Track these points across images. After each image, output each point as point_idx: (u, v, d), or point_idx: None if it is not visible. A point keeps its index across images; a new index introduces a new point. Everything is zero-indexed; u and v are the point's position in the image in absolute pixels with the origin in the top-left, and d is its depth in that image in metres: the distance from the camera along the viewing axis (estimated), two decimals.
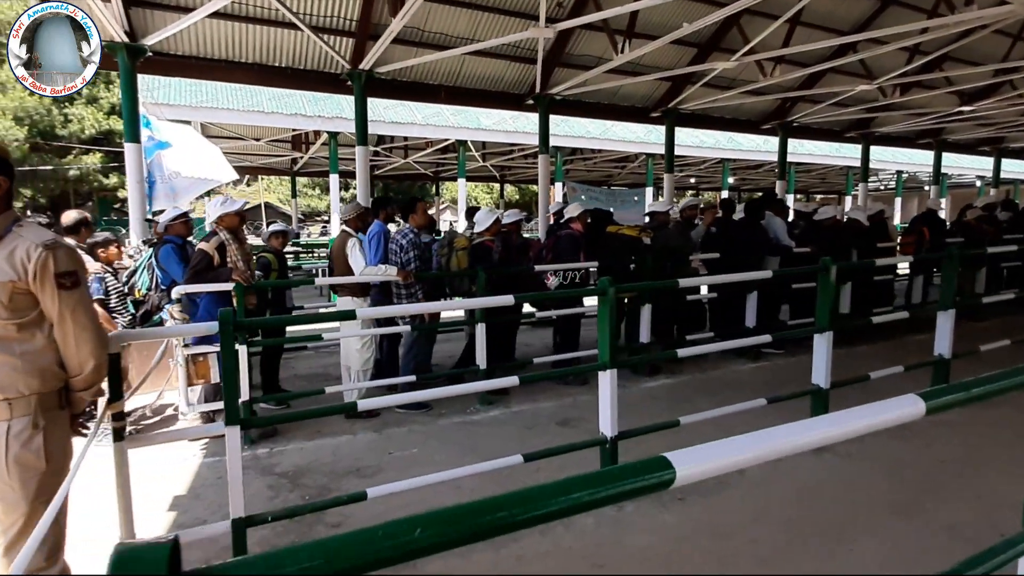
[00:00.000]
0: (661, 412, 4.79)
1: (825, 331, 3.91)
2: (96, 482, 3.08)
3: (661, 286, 5.18)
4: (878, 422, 1.22)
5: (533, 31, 6.20)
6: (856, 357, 6.45)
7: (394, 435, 4.40)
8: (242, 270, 4.24)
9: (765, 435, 1.15)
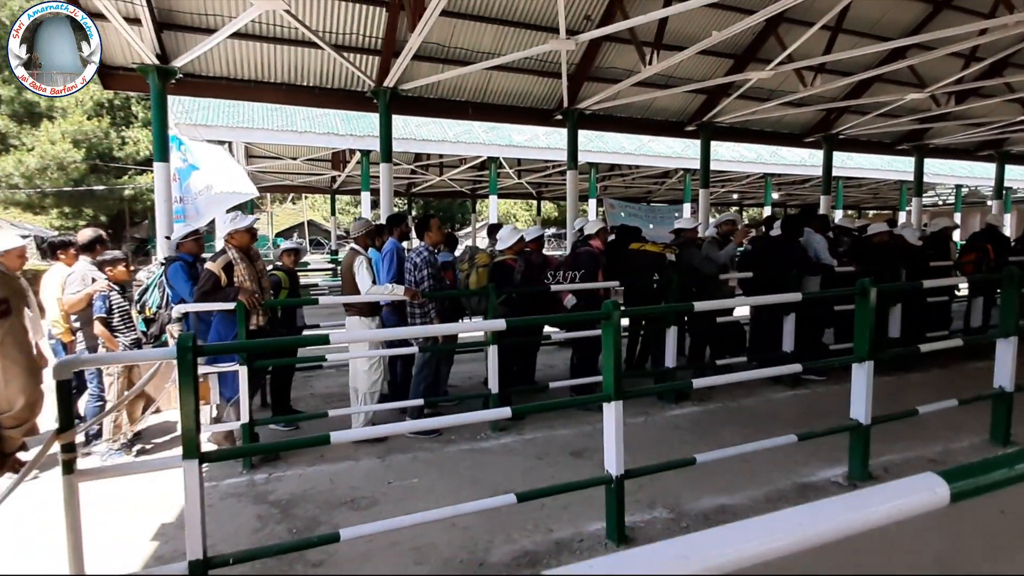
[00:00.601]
0: (682, 444, 4.45)
1: (865, 360, 3.51)
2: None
3: (671, 309, 4.85)
4: (879, 515, 0.92)
5: (554, 43, 6.03)
6: (906, 387, 5.94)
7: (397, 463, 4.20)
8: (250, 289, 4.15)
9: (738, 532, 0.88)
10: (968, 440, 4.38)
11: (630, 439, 4.64)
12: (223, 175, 8.27)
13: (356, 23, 7.05)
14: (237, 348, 3.94)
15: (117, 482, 3.67)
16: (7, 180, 16.03)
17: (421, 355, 5.04)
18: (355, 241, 5.12)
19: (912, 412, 3.81)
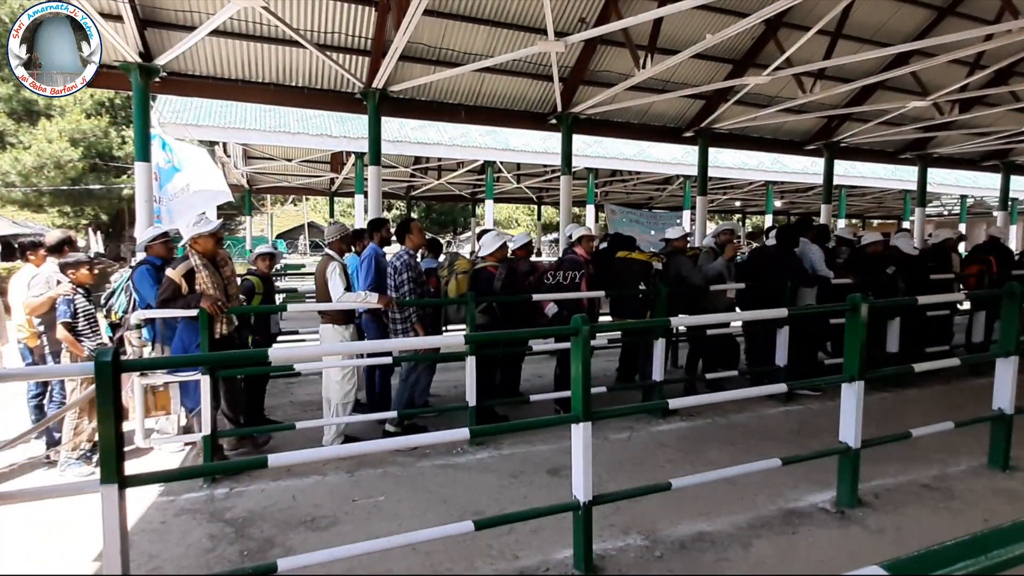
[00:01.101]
0: (666, 464, 4.27)
1: (855, 380, 3.32)
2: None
3: (644, 324, 4.67)
4: None
5: (542, 45, 5.86)
6: (903, 404, 5.74)
7: (366, 478, 4.02)
8: (213, 296, 3.98)
9: None
10: (966, 463, 4.17)
11: (611, 456, 4.49)
12: (201, 176, 8.18)
13: (345, 23, 6.91)
14: (164, 364, 3.79)
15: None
16: (3, 178, 15.96)
17: (406, 363, 4.88)
18: (329, 246, 4.95)
19: (904, 435, 3.62)
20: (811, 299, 6.04)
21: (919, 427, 3.87)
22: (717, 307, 5.58)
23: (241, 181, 18.15)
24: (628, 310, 5.47)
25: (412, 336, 4.85)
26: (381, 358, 4.82)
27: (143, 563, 2.99)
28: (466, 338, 2.60)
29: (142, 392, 3.74)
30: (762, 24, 8.10)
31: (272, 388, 6.49)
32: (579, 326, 2.65)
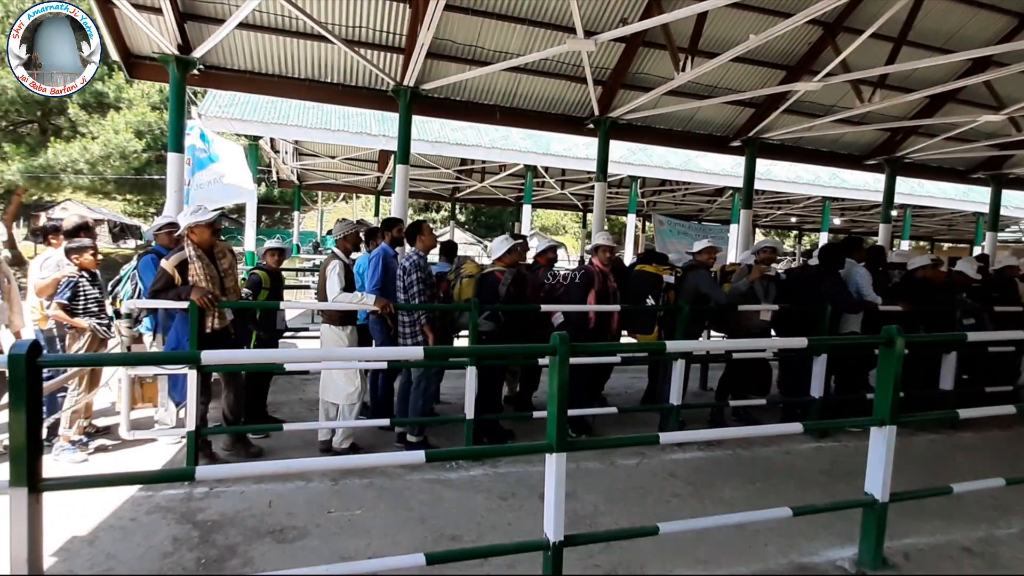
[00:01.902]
0: (671, 498, 3.91)
1: (886, 424, 2.91)
2: None
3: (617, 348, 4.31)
4: None
5: (571, 43, 5.59)
6: (953, 449, 5.17)
7: (349, 489, 3.83)
8: (204, 289, 3.89)
9: None
10: (1019, 525, 3.65)
11: (614, 484, 4.16)
12: (233, 171, 8.31)
13: (378, 18, 6.83)
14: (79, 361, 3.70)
15: None
16: (72, 166, 16.80)
17: (416, 370, 4.71)
18: (336, 244, 4.82)
19: (944, 490, 3.16)
20: (855, 326, 5.53)
21: (966, 479, 3.41)
22: (749, 328, 5.15)
23: (291, 177, 18.60)
24: (637, 325, 5.13)
25: (421, 340, 4.68)
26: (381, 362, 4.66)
27: (99, 562, 2.89)
28: (425, 351, 2.33)
29: (129, 383, 3.67)
30: (819, 28, 7.62)
31: (286, 384, 6.48)
32: (556, 345, 2.37)
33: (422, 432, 4.66)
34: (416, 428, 4.64)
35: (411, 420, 4.56)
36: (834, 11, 7.34)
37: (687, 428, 5.25)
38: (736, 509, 3.76)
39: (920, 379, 5.91)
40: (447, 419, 4.74)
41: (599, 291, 4.95)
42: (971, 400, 6.07)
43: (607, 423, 5.36)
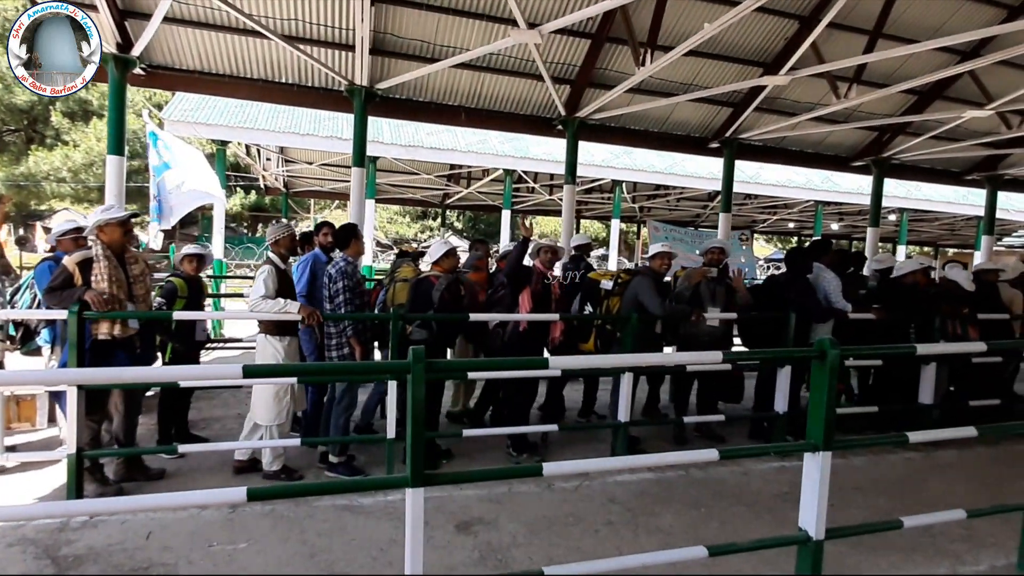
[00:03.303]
0: (601, 527, 3.53)
1: (819, 450, 2.53)
2: None
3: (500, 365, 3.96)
4: None
5: (516, 35, 5.26)
6: (931, 471, 4.76)
7: (245, 518, 3.48)
8: (100, 291, 3.57)
9: None
10: (988, 560, 3.25)
11: (545, 510, 3.76)
12: (194, 177, 8.02)
13: (321, 13, 6.51)
14: None
15: None
16: (55, 174, 16.64)
17: (339, 384, 4.37)
18: (270, 248, 4.48)
19: (894, 524, 2.76)
20: (825, 334, 5.13)
21: (939, 506, 3.00)
22: (696, 335, 4.77)
23: (276, 184, 18.35)
24: (577, 334, 4.77)
25: (347, 353, 4.36)
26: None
27: None
28: (243, 370, 1.98)
29: (3, 402, 3.35)
30: (796, 22, 7.27)
31: (230, 397, 6.16)
32: (411, 363, 2.02)
33: (344, 452, 4.31)
34: (337, 448, 4.29)
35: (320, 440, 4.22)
36: (808, 4, 7.02)
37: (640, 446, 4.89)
38: (672, 539, 3.40)
39: (900, 393, 5.53)
40: (364, 439, 4.37)
41: (535, 293, 4.59)
42: (954, 415, 5.68)
43: (577, 440, 5.02)
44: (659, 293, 4.66)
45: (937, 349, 3.59)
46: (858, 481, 4.45)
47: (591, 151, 12.77)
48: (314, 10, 6.49)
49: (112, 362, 3.66)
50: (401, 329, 4.69)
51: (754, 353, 4.86)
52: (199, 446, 4.43)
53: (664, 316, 4.59)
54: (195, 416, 5.57)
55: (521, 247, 4.59)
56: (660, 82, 7.89)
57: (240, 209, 27.78)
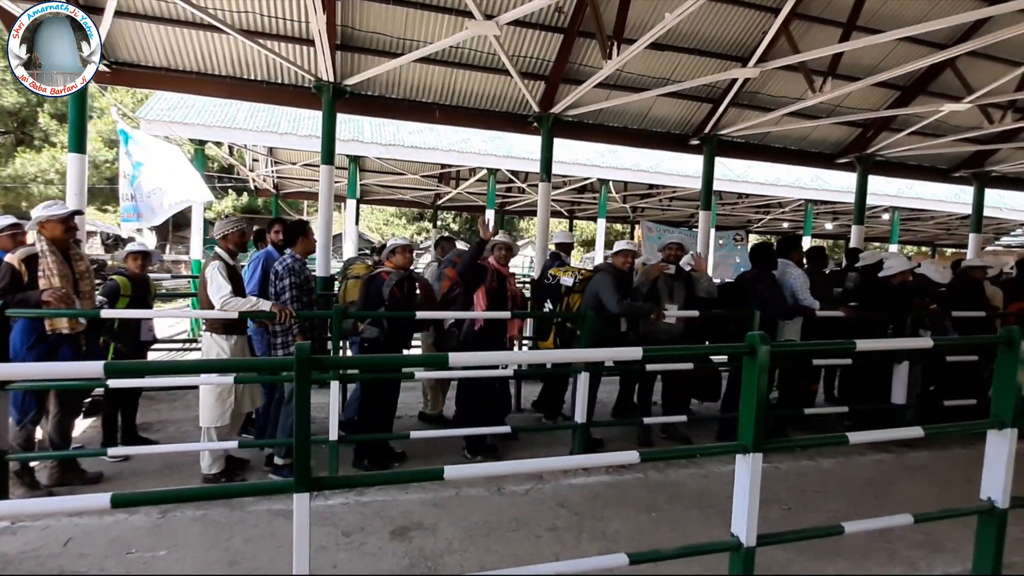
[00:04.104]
0: (545, 532, 3.40)
1: (750, 452, 2.40)
2: None
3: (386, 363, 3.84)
4: None
5: (473, 27, 5.14)
6: (900, 472, 4.61)
7: (174, 522, 3.35)
8: (55, 288, 3.49)
9: None
10: (943, 566, 3.11)
11: (490, 515, 3.61)
12: (176, 178, 7.93)
13: (283, 7, 6.40)
14: None
15: None
16: (43, 176, 16.60)
17: (288, 385, 4.24)
18: (218, 243, 4.36)
19: (835, 530, 2.62)
20: (793, 334, 5.01)
21: (905, 508, 2.85)
22: (654, 333, 4.63)
23: (265, 185, 18.27)
24: (538, 332, 4.65)
25: (294, 351, 4.23)
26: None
27: None
28: (104, 370, 1.86)
29: None
30: (772, 15, 7.13)
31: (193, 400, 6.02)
32: (293, 361, 1.90)
33: (291, 454, 4.17)
34: (283, 449, 4.17)
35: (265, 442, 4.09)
36: None
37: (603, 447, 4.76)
38: (615, 545, 3.27)
39: (873, 393, 5.39)
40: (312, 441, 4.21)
41: (491, 291, 4.46)
42: (934, 415, 5.53)
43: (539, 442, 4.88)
44: (620, 291, 4.54)
45: (879, 345, 3.45)
46: (823, 483, 4.31)
47: (576, 150, 12.66)
48: (274, 4, 6.39)
49: (57, 359, 3.58)
50: (353, 327, 4.60)
51: (675, 350, 4.71)
52: (147, 448, 4.34)
53: (621, 313, 4.46)
54: (154, 418, 5.49)
55: (478, 247, 4.47)
56: (637, 77, 7.78)
57: (232, 211, 27.70)
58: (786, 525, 3.56)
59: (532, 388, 6.34)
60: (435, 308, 4.68)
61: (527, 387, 6.22)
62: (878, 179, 14.22)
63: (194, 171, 8.29)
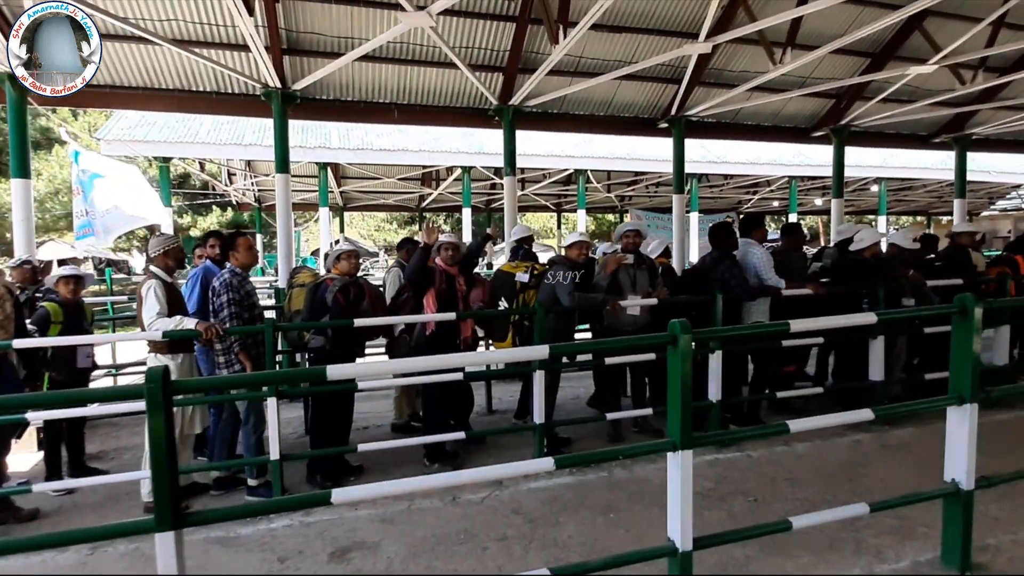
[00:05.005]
0: (492, 544, 3.21)
1: (679, 449, 2.21)
2: None
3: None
4: None
5: (406, 19, 4.94)
6: (878, 452, 4.42)
7: (101, 559, 3.18)
8: None
9: None
10: (913, 554, 2.92)
11: (437, 528, 3.42)
12: (132, 196, 7.77)
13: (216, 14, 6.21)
14: None
15: None
16: None
17: (244, 404, 4.08)
18: (152, 262, 4.19)
19: (781, 526, 2.43)
20: (761, 315, 4.80)
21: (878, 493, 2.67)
22: (617, 326, 4.45)
23: (246, 199, 18.12)
24: (493, 333, 4.47)
25: (238, 369, 4.05)
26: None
27: None
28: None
29: None
30: None
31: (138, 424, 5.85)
32: (151, 382, 1.71)
33: (263, 473, 4.00)
34: (254, 470, 3.99)
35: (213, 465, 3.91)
36: None
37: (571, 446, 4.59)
38: (566, 553, 3.10)
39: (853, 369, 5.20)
40: (250, 461, 4.03)
41: (440, 293, 4.28)
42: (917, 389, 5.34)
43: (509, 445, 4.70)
44: (574, 284, 4.35)
45: (818, 324, 3.25)
46: (795, 470, 4.12)
47: (552, 142, 12.46)
48: (203, 11, 6.18)
49: None
50: (297, 336, 4.43)
51: (589, 344, 4.50)
52: (94, 479, 4.17)
53: (575, 307, 4.27)
54: (113, 445, 5.33)
55: (422, 254, 4.29)
56: (597, 62, 7.59)
57: (218, 226, 27.52)
58: (751, 518, 3.38)
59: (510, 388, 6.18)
60: (384, 314, 4.49)
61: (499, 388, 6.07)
62: (863, 150, 14.01)
63: (152, 191, 8.13)
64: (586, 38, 7.24)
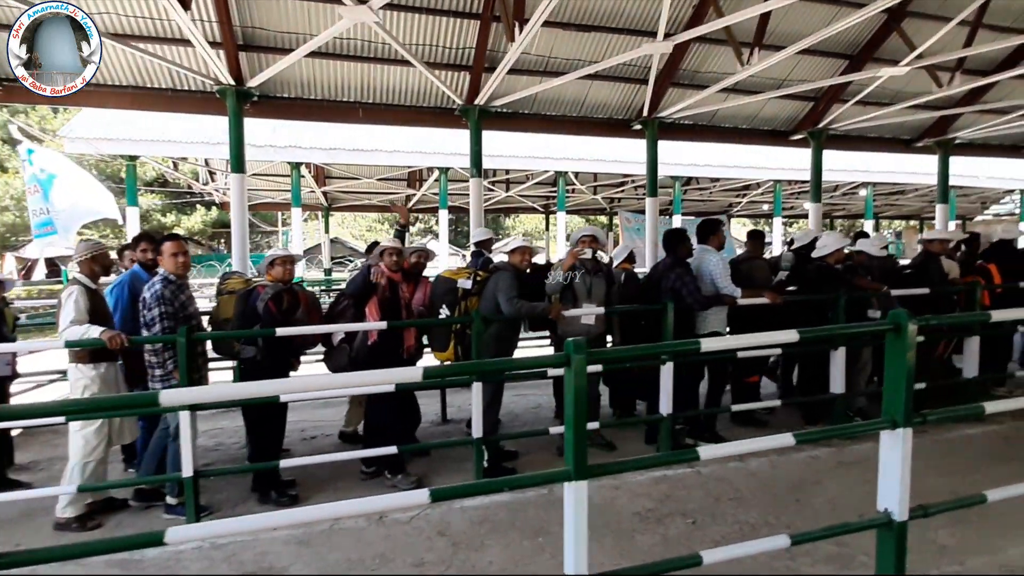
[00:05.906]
0: (414, 568, 3.02)
1: (573, 480, 2.03)
2: None
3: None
4: None
5: (349, 15, 4.75)
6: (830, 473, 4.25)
7: None
8: None
9: None
10: None
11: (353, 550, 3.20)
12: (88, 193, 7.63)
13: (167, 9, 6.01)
14: None
15: None
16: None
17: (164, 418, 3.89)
18: (80, 267, 3.99)
19: (693, 560, 2.24)
20: (718, 325, 4.62)
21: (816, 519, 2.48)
22: (571, 334, 4.26)
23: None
24: (433, 343, 4.29)
25: (173, 384, 3.84)
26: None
27: None
28: None
29: None
30: None
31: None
32: None
33: (184, 491, 3.80)
34: (175, 488, 3.79)
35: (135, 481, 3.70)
36: None
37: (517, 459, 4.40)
38: None
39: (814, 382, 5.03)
40: (165, 479, 3.82)
41: (383, 300, 4.10)
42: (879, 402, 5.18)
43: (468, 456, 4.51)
44: (517, 290, 4.16)
45: (723, 344, 3.04)
46: (743, 489, 3.93)
47: (533, 143, 12.28)
48: (138, 4, 5.96)
49: None
50: (228, 345, 4.24)
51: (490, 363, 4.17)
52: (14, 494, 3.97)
53: (516, 315, 4.08)
54: (48, 454, 5.14)
55: (366, 271, 4.13)
56: (566, 62, 7.41)
57: (203, 226, 27.30)
58: (685, 545, 3.19)
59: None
60: (320, 323, 4.30)
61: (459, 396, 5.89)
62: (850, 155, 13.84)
63: (102, 187, 8.02)
64: (554, 37, 7.09)
